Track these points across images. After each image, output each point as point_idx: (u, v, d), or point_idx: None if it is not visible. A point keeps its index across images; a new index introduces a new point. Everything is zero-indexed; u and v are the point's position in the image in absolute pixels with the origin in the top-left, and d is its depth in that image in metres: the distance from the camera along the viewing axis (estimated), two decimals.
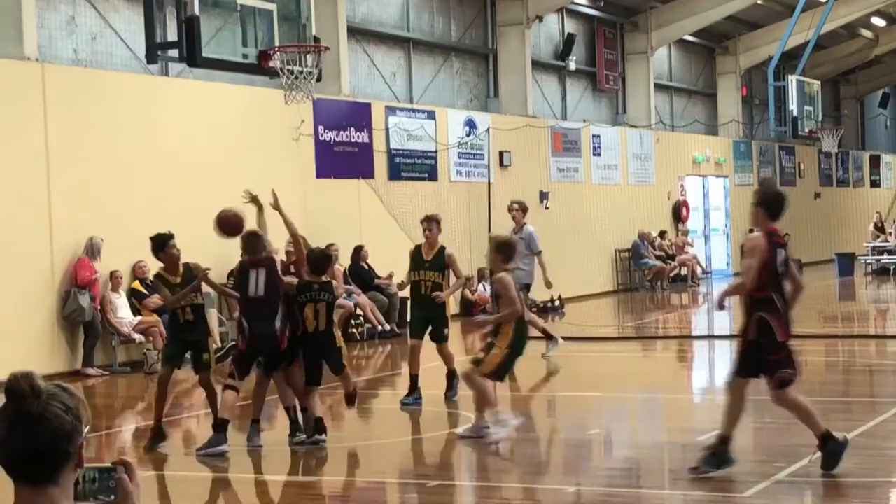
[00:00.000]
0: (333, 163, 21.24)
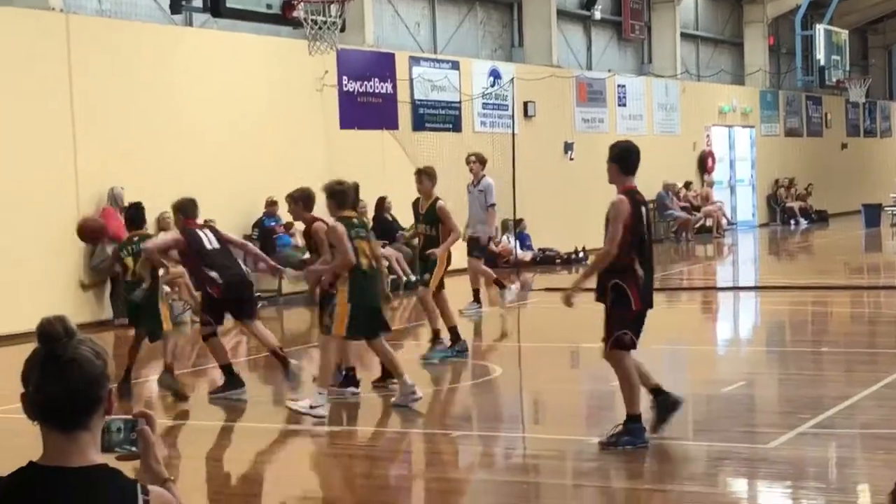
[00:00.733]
0: (357, 114, 21.19)
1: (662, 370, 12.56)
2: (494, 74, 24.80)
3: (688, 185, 31.30)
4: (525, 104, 25.32)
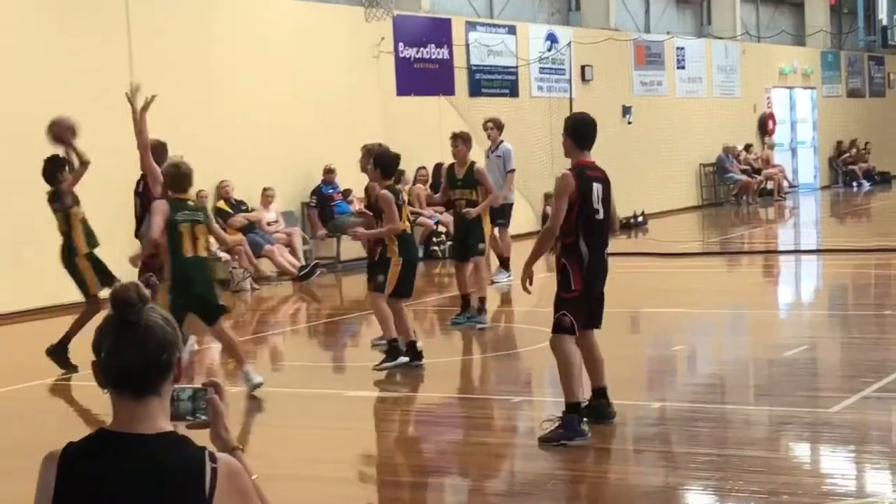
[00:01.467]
0: (414, 80, 21.17)
1: (723, 334, 12.51)
2: (551, 38, 24.64)
3: (748, 148, 31.00)
4: (582, 68, 25.15)
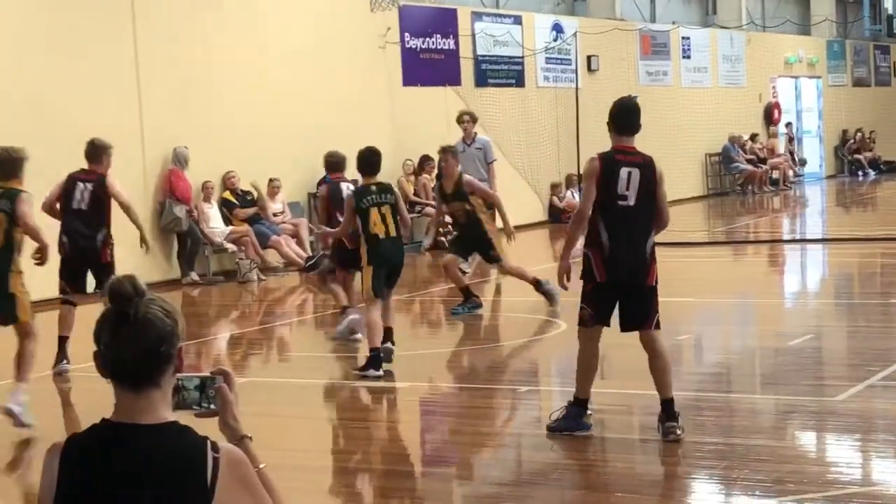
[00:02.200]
0: (420, 70, 21.17)
1: (728, 323, 12.52)
2: (557, 28, 24.63)
3: (754, 138, 30.97)
4: (588, 58, 25.14)
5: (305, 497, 6.48)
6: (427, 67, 21.37)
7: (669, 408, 7.48)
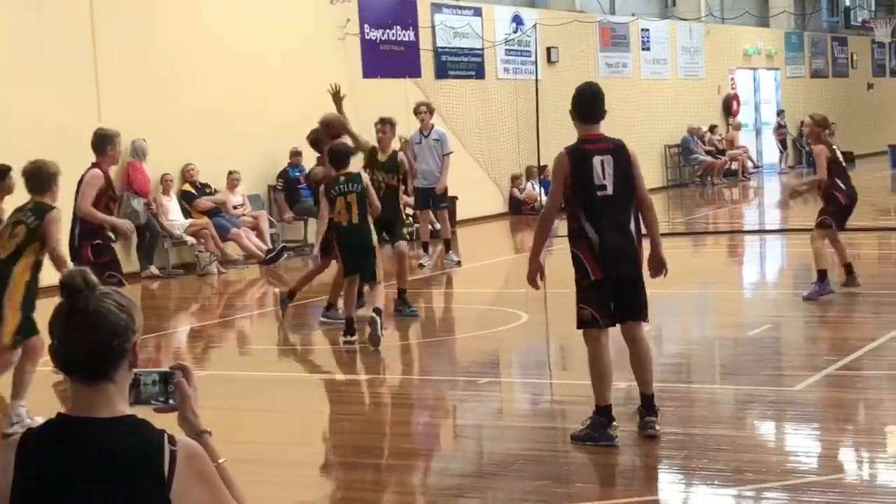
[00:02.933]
0: (380, 62, 21.13)
1: (688, 313, 12.59)
2: (517, 20, 24.65)
3: (713, 129, 31.14)
4: (548, 50, 25.18)
5: (266, 490, 6.46)
6: (387, 59, 21.33)
7: (650, 402, 7.33)
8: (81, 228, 9.76)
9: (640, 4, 30.78)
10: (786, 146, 33.01)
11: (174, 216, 17.14)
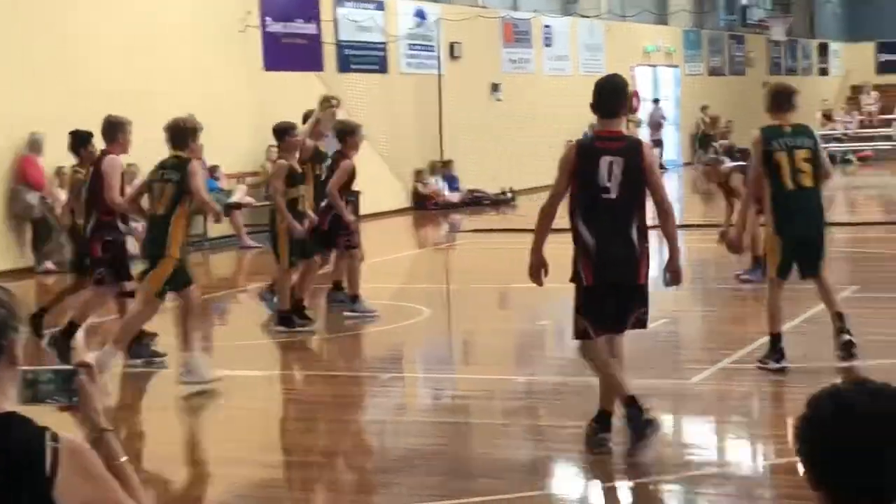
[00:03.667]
0: (282, 55, 20.99)
1: None
2: (420, 15, 24.67)
3: None
4: (451, 45, 25.24)
5: (173, 489, 6.40)
6: (289, 52, 21.20)
7: (605, 419, 6.89)
8: (97, 222, 9.64)
9: (543, 1, 31.01)
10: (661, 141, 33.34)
11: None
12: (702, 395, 8.31)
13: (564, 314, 12.12)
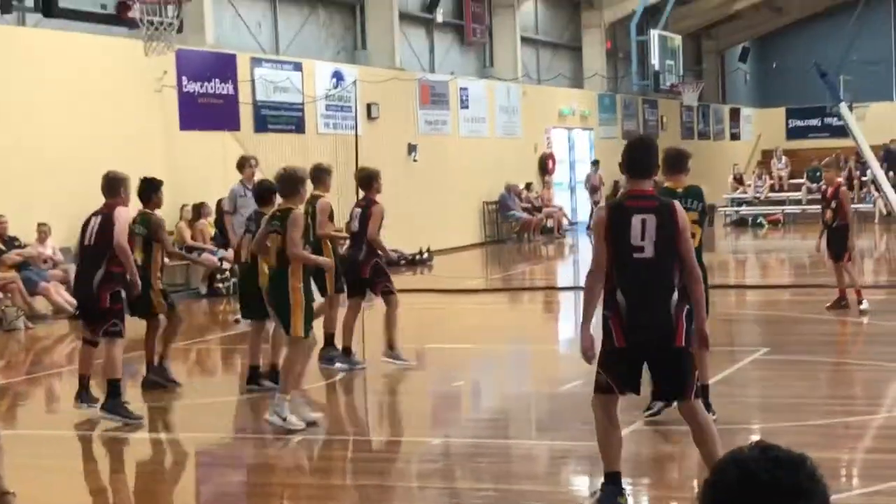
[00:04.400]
0: (198, 115, 20.90)
1: (505, 369, 12.72)
2: (337, 76, 24.74)
3: (529, 187, 31.74)
4: (368, 106, 25.33)
5: None
6: (205, 112, 21.11)
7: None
8: (105, 273, 9.66)
9: (459, 64, 31.28)
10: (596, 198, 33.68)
11: None
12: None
13: (481, 375, 12.15)
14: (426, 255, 24.56)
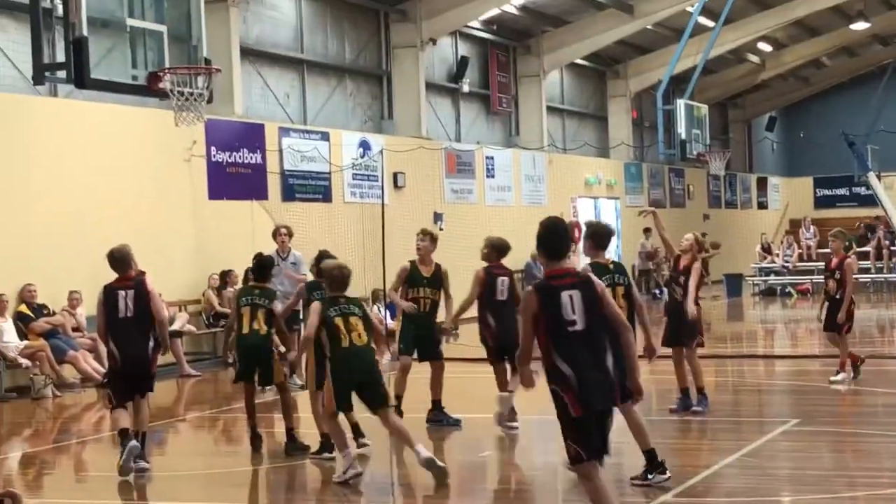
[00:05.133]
0: (226, 184, 21.08)
1: (532, 439, 12.64)
2: (364, 145, 24.93)
3: None
4: (395, 175, 25.48)
5: None
6: (233, 181, 21.30)
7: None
8: (154, 341, 10.52)
9: (485, 133, 31.47)
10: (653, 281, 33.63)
11: (8, 337, 16.64)
12: None
13: (506, 444, 12.07)
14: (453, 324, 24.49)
